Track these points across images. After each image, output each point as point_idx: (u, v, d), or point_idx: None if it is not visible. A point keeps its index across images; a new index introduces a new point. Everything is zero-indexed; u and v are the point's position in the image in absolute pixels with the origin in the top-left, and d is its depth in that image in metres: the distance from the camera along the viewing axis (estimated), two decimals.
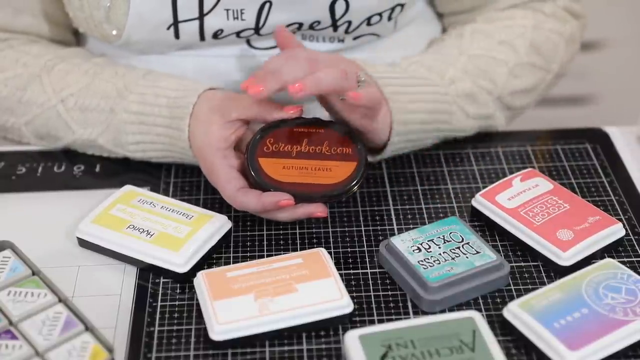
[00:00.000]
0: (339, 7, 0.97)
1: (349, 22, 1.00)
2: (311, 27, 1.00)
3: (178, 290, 0.87)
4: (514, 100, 1.04)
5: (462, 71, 1.00)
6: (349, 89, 0.88)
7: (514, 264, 0.88)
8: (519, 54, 1.03)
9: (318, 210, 0.89)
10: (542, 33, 1.05)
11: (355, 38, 1.03)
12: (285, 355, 0.80)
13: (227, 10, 0.96)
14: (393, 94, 0.94)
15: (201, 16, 0.96)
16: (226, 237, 0.91)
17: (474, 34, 1.04)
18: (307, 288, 0.83)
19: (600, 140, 1.06)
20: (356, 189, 0.89)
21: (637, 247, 0.90)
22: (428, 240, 0.87)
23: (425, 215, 0.95)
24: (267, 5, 0.96)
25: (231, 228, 0.91)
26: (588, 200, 0.94)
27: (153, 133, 0.96)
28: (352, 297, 0.84)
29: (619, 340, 0.78)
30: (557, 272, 0.87)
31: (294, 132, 0.90)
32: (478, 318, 0.78)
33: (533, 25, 1.05)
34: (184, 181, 1.00)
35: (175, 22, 0.97)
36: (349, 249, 0.91)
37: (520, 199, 0.92)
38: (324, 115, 0.95)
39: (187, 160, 0.97)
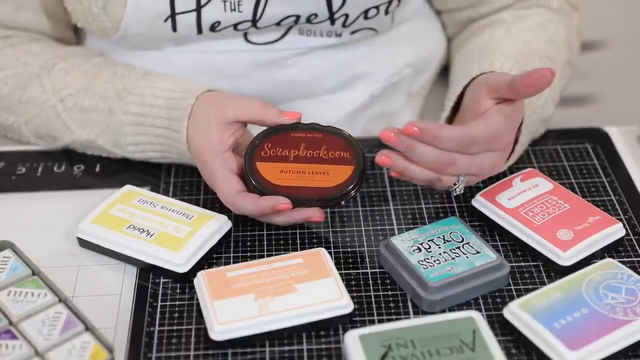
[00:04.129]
0: (336, 0, 0.97)
1: (346, 15, 1.00)
2: (308, 20, 0.99)
3: (178, 290, 0.87)
4: (555, 104, 1.03)
5: (548, 90, 0.97)
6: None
7: (514, 264, 0.88)
8: (562, 53, 1.02)
9: (315, 214, 0.89)
10: (564, 28, 1.05)
11: (352, 32, 1.03)
12: (285, 355, 0.80)
13: (225, 1, 0.96)
14: (522, 139, 0.94)
15: (198, 8, 0.96)
16: (226, 237, 0.91)
17: (522, 32, 1.01)
18: (307, 288, 0.83)
19: (600, 140, 1.06)
20: (354, 193, 0.88)
21: (637, 247, 0.90)
22: (428, 240, 0.87)
23: (425, 215, 0.95)
24: None
25: (231, 228, 0.91)
26: (588, 200, 0.94)
27: (152, 134, 0.96)
28: (352, 297, 0.84)
29: (619, 340, 0.78)
30: (557, 272, 0.87)
31: (291, 137, 0.90)
32: (478, 318, 0.78)
33: (558, 21, 1.04)
34: (184, 181, 1.00)
35: (173, 14, 0.97)
36: (349, 249, 0.91)
37: (520, 199, 0.92)
38: (321, 120, 0.95)
39: (186, 160, 0.97)
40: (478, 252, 0.85)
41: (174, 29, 0.98)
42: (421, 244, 0.87)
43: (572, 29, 1.07)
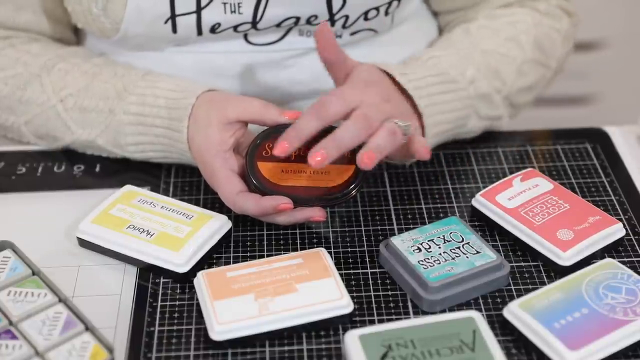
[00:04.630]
0: (336, 1, 0.97)
1: (346, 17, 1.00)
2: (308, 21, 1.00)
3: (178, 290, 0.87)
4: (518, 98, 1.05)
5: (478, 70, 1.00)
6: (401, 143, 0.87)
7: (514, 264, 0.88)
8: (525, 51, 1.03)
9: (316, 214, 0.89)
10: (542, 29, 1.06)
11: (352, 34, 1.03)
12: (285, 355, 0.80)
13: (225, 3, 0.96)
14: (427, 107, 0.95)
15: (198, 9, 0.97)
16: (226, 237, 0.91)
17: (480, 29, 1.04)
18: (307, 288, 0.83)
19: (600, 140, 1.06)
20: (355, 192, 0.88)
21: (637, 247, 0.90)
22: (428, 240, 0.87)
23: (425, 215, 0.95)
24: None
25: (231, 228, 0.91)
26: (588, 200, 0.94)
27: (152, 134, 0.96)
28: (352, 297, 0.84)
29: (619, 340, 0.78)
30: (557, 272, 0.87)
31: None
32: (478, 318, 0.78)
33: (534, 22, 1.05)
34: (184, 181, 1.00)
35: (173, 16, 0.97)
36: (349, 249, 0.91)
37: (520, 198, 0.92)
38: None
39: (186, 160, 0.97)
40: (478, 252, 0.86)
41: (174, 30, 0.98)
42: (421, 244, 0.87)
43: (558, 32, 1.07)
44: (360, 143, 0.85)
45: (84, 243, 0.91)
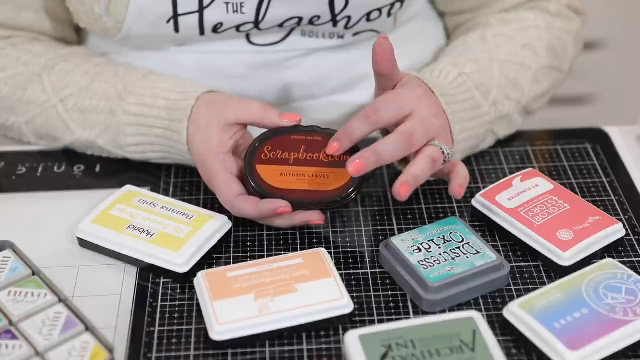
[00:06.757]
0: (339, 2, 0.97)
1: (349, 18, 1.00)
2: (311, 22, 1.00)
3: (178, 290, 0.87)
4: (534, 105, 1.04)
5: (499, 87, 0.99)
6: (439, 168, 0.87)
7: (514, 264, 0.88)
8: (540, 58, 1.03)
9: (315, 217, 0.89)
10: (555, 33, 1.05)
11: (355, 34, 1.03)
12: (285, 355, 0.80)
13: (227, 3, 0.96)
14: (459, 134, 0.94)
15: (201, 9, 0.97)
16: (226, 237, 0.91)
17: (496, 37, 1.03)
18: (307, 288, 0.83)
19: (600, 140, 1.06)
20: (354, 196, 0.88)
21: (637, 247, 0.90)
22: (428, 240, 0.87)
23: (425, 215, 0.95)
24: None
25: (231, 228, 0.91)
26: (588, 200, 0.94)
27: (152, 135, 0.96)
28: (352, 297, 0.84)
29: (619, 340, 0.78)
30: (557, 272, 0.87)
31: (291, 139, 0.90)
32: (478, 318, 0.78)
33: (546, 26, 1.05)
34: (184, 181, 1.00)
35: (175, 15, 0.97)
36: (349, 249, 0.91)
37: (520, 199, 0.92)
38: (323, 122, 0.95)
39: (186, 162, 0.97)
40: (478, 252, 0.86)
41: (177, 30, 0.98)
42: (421, 244, 0.87)
43: (569, 34, 1.07)
44: (398, 159, 0.85)
45: (84, 243, 0.91)
